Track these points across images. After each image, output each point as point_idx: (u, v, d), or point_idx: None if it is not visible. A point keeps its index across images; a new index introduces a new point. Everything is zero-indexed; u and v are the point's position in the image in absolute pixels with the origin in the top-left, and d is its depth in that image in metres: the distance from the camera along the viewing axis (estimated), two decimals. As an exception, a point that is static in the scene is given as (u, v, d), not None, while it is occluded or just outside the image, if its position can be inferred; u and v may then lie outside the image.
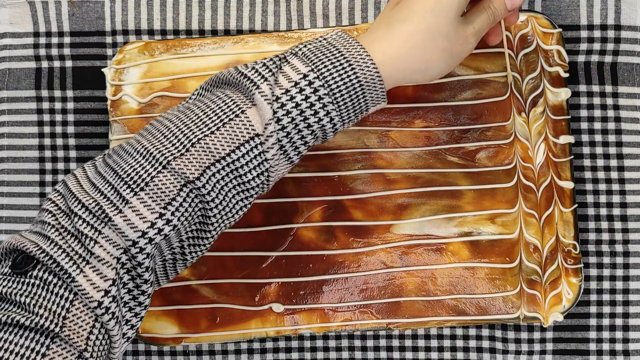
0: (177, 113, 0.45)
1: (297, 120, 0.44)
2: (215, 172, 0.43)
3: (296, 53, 0.46)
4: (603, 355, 0.59)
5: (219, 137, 0.43)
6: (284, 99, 0.44)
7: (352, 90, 0.45)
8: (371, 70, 0.45)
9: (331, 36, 0.47)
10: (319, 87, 0.44)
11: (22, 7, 0.60)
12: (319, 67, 0.45)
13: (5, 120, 0.60)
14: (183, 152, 0.43)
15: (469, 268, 0.57)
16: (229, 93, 0.45)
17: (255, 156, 0.44)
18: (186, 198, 0.43)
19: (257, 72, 0.45)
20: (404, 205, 0.57)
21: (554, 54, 0.57)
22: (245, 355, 0.60)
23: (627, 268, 0.59)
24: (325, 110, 0.45)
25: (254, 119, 0.44)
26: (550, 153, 0.57)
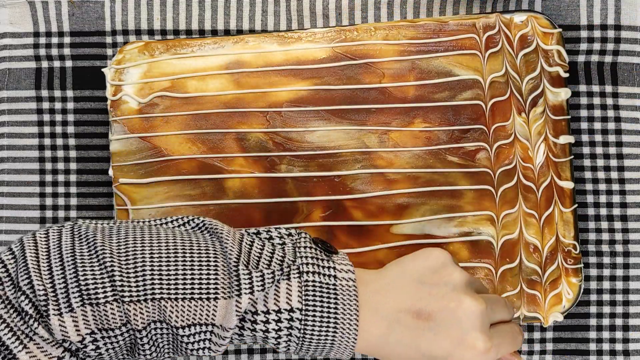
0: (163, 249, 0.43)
1: (258, 337, 0.44)
2: (157, 328, 0.42)
3: (301, 274, 0.44)
4: (603, 355, 0.59)
5: (179, 307, 0.42)
6: (259, 318, 0.43)
7: (322, 343, 0.44)
8: (350, 341, 0.44)
9: (341, 281, 0.44)
10: (295, 327, 0.43)
11: (22, 7, 0.60)
12: (309, 309, 0.43)
13: (5, 120, 0.60)
14: (141, 300, 0.41)
15: (468, 268, 0.57)
16: (219, 268, 0.43)
17: (202, 340, 0.43)
18: (124, 334, 0.42)
19: (250, 279, 0.43)
20: (404, 205, 0.57)
21: (554, 54, 0.57)
22: (245, 355, 0.60)
23: (627, 268, 0.59)
24: (287, 343, 0.44)
25: (220, 311, 0.42)
26: (550, 153, 0.57)
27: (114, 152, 0.57)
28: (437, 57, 0.57)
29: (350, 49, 0.57)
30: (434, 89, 0.57)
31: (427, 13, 0.60)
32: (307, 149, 0.57)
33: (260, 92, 0.57)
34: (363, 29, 0.58)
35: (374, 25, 0.58)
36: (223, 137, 0.57)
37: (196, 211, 0.57)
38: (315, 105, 0.57)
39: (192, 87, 0.57)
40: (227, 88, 0.57)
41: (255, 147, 0.57)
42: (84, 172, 0.60)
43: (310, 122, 0.57)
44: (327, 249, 0.47)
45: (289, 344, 0.44)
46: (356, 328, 0.44)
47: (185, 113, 0.57)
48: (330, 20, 0.60)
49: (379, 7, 0.60)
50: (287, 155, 0.57)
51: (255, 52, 0.58)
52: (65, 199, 0.60)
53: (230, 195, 0.57)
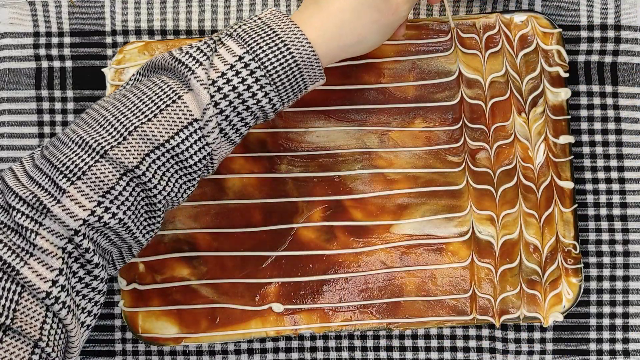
0: (113, 101, 0.44)
1: (235, 103, 0.44)
2: (155, 159, 0.43)
3: (231, 34, 0.45)
4: (603, 355, 0.59)
5: (156, 124, 0.43)
6: (220, 83, 0.44)
7: (288, 69, 0.45)
8: (306, 49, 0.45)
9: (265, 15, 0.46)
10: (255, 69, 0.44)
11: (22, 7, 0.60)
12: (254, 48, 0.44)
13: (5, 120, 0.60)
14: (120, 140, 0.42)
15: (468, 268, 0.57)
16: (165, 79, 0.45)
17: (196, 141, 0.44)
18: (126, 187, 0.42)
19: (191, 56, 0.44)
20: (404, 205, 0.57)
21: (554, 54, 0.57)
22: (245, 355, 0.60)
23: (627, 268, 0.59)
24: (264, 91, 0.45)
25: (191, 104, 0.43)
26: (550, 153, 0.57)
27: (114, 152, 0.57)
28: (437, 57, 0.57)
29: (350, 49, 0.57)
30: (434, 89, 0.57)
31: (427, 13, 0.60)
32: (307, 149, 0.57)
33: (260, 92, 0.57)
34: (363, 29, 0.57)
35: (374, 25, 0.58)
36: (223, 137, 0.57)
37: (196, 211, 0.57)
38: (315, 105, 0.57)
39: (192, 87, 0.57)
40: (227, 88, 0.57)
41: (256, 147, 0.57)
42: (84, 172, 0.60)
43: (310, 122, 0.57)
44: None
45: (268, 94, 0.45)
46: (302, 33, 0.45)
47: (185, 113, 0.57)
48: (330, 20, 0.60)
49: (379, 7, 0.60)
50: (287, 155, 0.57)
51: (255, 52, 0.57)
52: (65, 199, 0.60)
53: (230, 195, 0.57)
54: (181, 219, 0.57)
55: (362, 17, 0.47)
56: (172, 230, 0.57)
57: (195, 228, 0.57)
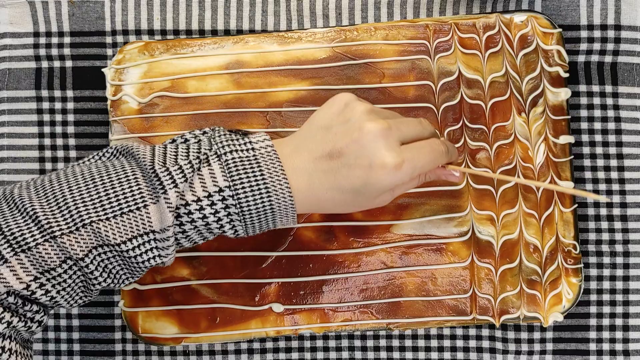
0: (80, 180, 0.43)
1: (200, 227, 0.44)
2: (101, 253, 0.42)
3: (219, 156, 0.44)
4: (603, 355, 0.59)
5: (113, 225, 0.42)
6: (192, 207, 0.43)
7: (262, 212, 0.44)
8: (287, 200, 0.44)
9: (260, 149, 0.45)
10: (230, 204, 0.43)
11: (22, 7, 0.60)
12: (237, 185, 0.43)
13: (5, 120, 0.60)
14: (72, 229, 0.41)
15: (468, 268, 0.57)
16: (139, 177, 0.43)
17: (149, 250, 0.43)
18: (67, 270, 0.42)
19: (169, 175, 0.43)
20: (404, 205, 0.57)
21: (554, 54, 0.57)
22: (245, 355, 0.60)
23: (627, 268, 0.59)
24: (231, 224, 0.44)
25: (154, 216, 0.42)
26: (550, 153, 0.57)
27: (114, 152, 0.57)
28: (437, 57, 0.57)
29: (350, 49, 0.57)
30: (433, 89, 0.57)
31: (427, 13, 0.60)
32: (307, 149, 0.57)
33: (260, 92, 0.57)
34: (363, 29, 0.58)
35: (374, 25, 0.58)
36: (223, 137, 0.57)
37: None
38: (315, 105, 0.57)
39: (192, 87, 0.57)
40: (227, 88, 0.57)
41: (255, 147, 0.57)
42: (84, 172, 0.60)
43: (310, 122, 0.57)
44: (243, 132, 0.48)
45: (234, 226, 0.45)
46: (288, 186, 0.44)
47: (185, 113, 0.57)
48: (330, 20, 0.60)
49: (379, 7, 0.60)
50: (287, 155, 0.57)
51: (255, 52, 0.58)
52: (65, 199, 0.60)
53: (230, 195, 0.57)
54: (181, 219, 0.57)
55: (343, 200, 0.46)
56: (172, 230, 0.57)
57: (195, 228, 0.57)
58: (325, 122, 0.46)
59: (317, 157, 0.45)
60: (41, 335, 0.60)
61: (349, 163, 0.44)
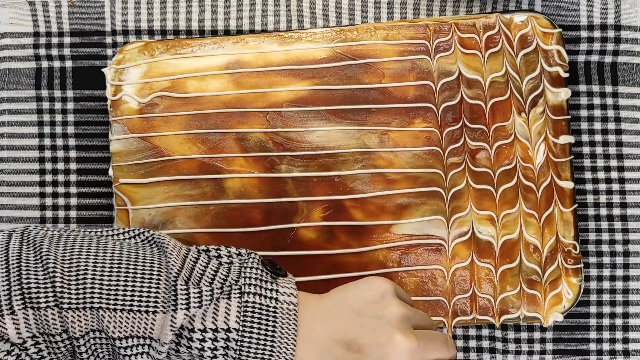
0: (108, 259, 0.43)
1: (194, 354, 0.43)
2: (96, 338, 0.43)
3: (242, 295, 0.43)
4: (603, 355, 0.59)
5: (117, 318, 0.42)
6: (195, 336, 0.43)
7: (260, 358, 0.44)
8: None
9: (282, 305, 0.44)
10: (232, 347, 0.43)
11: (22, 7, 0.60)
12: (245, 331, 0.43)
13: (5, 120, 0.60)
14: (80, 307, 0.42)
15: (468, 268, 0.57)
16: (161, 282, 0.43)
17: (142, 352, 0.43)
18: (64, 340, 0.42)
19: (187, 295, 0.43)
20: (404, 205, 0.57)
21: (554, 54, 0.57)
22: (245, 355, 0.60)
23: (627, 268, 0.59)
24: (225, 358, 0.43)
25: (158, 325, 0.42)
26: (550, 153, 0.57)
27: (114, 152, 0.57)
28: (437, 57, 0.57)
29: (350, 49, 0.57)
30: (433, 89, 0.57)
31: (427, 13, 0.60)
32: (307, 149, 0.57)
33: (260, 92, 0.57)
34: (363, 29, 0.58)
35: (374, 25, 0.58)
36: (223, 137, 0.57)
37: (196, 211, 0.57)
38: (315, 105, 0.57)
39: (192, 87, 0.57)
40: (227, 88, 0.57)
41: (255, 147, 0.57)
42: (84, 172, 0.60)
43: (310, 122, 0.57)
44: (275, 271, 0.47)
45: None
46: (293, 354, 0.43)
47: (185, 113, 0.57)
48: (330, 20, 0.60)
49: (379, 7, 0.60)
50: (287, 155, 0.57)
51: (255, 52, 0.58)
52: (65, 199, 0.60)
53: (230, 195, 0.57)
54: (181, 219, 0.57)
55: None
56: (172, 230, 0.57)
57: (195, 228, 0.57)
58: (357, 305, 0.46)
59: (336, 339, 0.44)
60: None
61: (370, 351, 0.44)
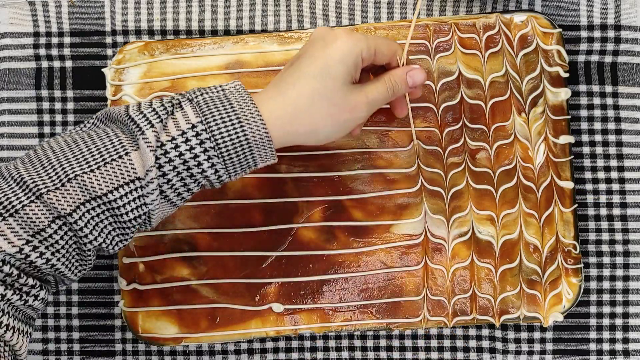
0: (63, 144, 0.44)
1: (180, 169, 0.44)
2: (89, 209, 0.43)
3: (191, 100, 0.45)
4: (603, 355, 0.59)
5: (97, 175, 0.43)
6: (168, 147, 0.44)
7: (239, 146, 0.45)
8: (260, 130, 0.45)
9: (229, 88, 0.46)
10: (205, 139, 0.44)
11: (22, 7, 0.60)
12: (208, 119, 0.44)
13: (5, 120, 0.60)
14: (58, 185, 0.42)
15: (468, 268, 0.57)
16: (119, 132, 0.44)
17: (135, 198, 0.44)
18: (57, 230, 0.42)
19: (144, 117, 0.44)
20: (404, 205, 0.57)
21: (554, 54, 0.57)
22: (245, 355, 0.60)
23: (627, 268, 0.59)
24: (210, 162, 0.44)
25: (136, 162, 0.43)
26: (550, 153, 0.57)
27: (114, 152, 0.57)
28: (437, 57, 0.57)
29: (350, 49, 0.57)
30: (434, 89, 0.57)
31: (427, 13, 0.60)
32: (307, 149, 0.57)
33: (260, 92, 0.57)
34: (363, 29, 0.58)
35: (374, 25, 0.58)
36: (223, 137, 0.57)
37: (196, 211, 0.57)
38: (315, 105, 0.57)
39: (192, 87, 0.57)
40: (227, 88, 0.57)
41: (255, 147, 0.57)
42: (84, 172, 0.60)
43: (310, 122, 0.57)
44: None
45: (214, 166, 0.45)
46: (259, 115, 0.45)
47: (185, 113, 0.57)
48: (330, 20, 0.60)
49: (379, 7, 0.60)
50: (287, 155, 0.57)
51: (255, 52, 0.58)
52: (65, 199, 0.60)
53: (230, 195, 0.57)
54: (181, 219, 0.57)
55: (317, 107, 0.46)
56: (172, 230, 0.57)
57: (195, 228, 0.57)
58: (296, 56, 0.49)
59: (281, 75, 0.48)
60: (41, 335, 0.60)
61: (310, 52, 0.47)
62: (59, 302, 0.60)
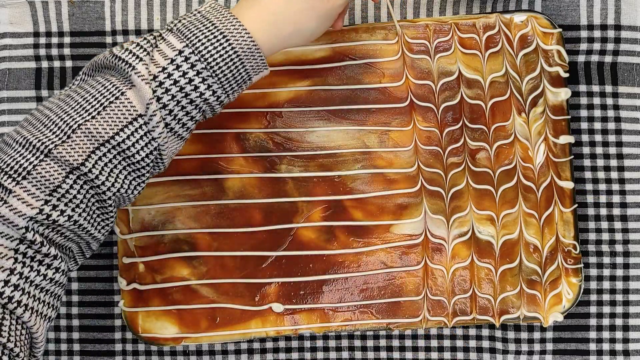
0: (57, 101, 0.44)
1: (178, 97, 0.44)
2: (100, 156, 0.43)
3: (171, 29, 0.46)
4: (603, 355, 0.59)
5: (100, 121, 0.43)
6: (161, 77, 0.44)
7: (229, 61, 0.45)
8: (246, 40, 0.45)
9: (205, 8, 0.47)
10: (195, 62, 0.44)
11: (22, 7, 0.60)
12: (193, 42, 0.44)
13: (5, 120, 0.60)
14: (64, 139, 0.42)
15: (468, 268, 0.57)
16: (109, 77, 0.45)
17: (142, 136, 0.44)
18: (73, 184, 0.42)
19: (130, 52, 0.44)
20: (404, 205, 0.57)
21: (554, 54, 0.57)
22: (245, 355, 0.60)
23: (627, 268, 0.59)
24: (206, 84, 0.45)
25: (134, 99, 0.44)
26: (550, 153, 0.57)
27: (114, 152, 0.57)
28: (437, 57, 0.57)
29: (350, 49, 0.57)
30: (433, 89, 0.57)
31: (427, 13, 0.60)
32: (307, 149, 0.57)
33: (260, 92, 0.57)
34: (363, 29, 0.58)
35: (373, 25, 0.58)
36: (223, 137, 0.57)
37: (196, 211, 0.57)
38: (315, 105, 0.57)
39: (192, 87, 0.57)
40: (227, 88, 0.57)
41: (255, 147, 0.57)
42: (84, 172, 0.60)
43: (310, 122, 0.57)
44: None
45: (210, 86, 0.45)
46: (240, 24, 0.45)
47: (185, 113, 0.57)
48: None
49: (378, 7, 0.60)
50: (287, 155, 0.57)
51: (255, 52, 0.57)
52: (65, 199, 0.60)
53: (230, 195, 0.57)
54: (181, 219, 0.57)
55: (294, 4, 0.47)
56: (172, 230, 0.57)
57: (195, 228, 0.57)
58: None
59: None
60: (41, 335, 0.60)
61: None
62: (59, 302, 0.60)
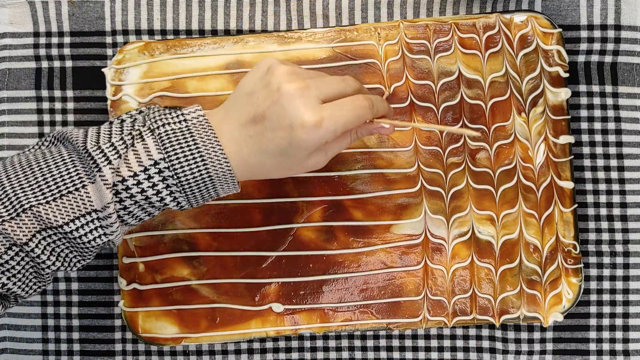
0: (18, 168, 0.44)
1: (141, 202, 0.44)
2: (45, 236, 0.43)
3: (152, 131, 0.44)
4: (603, 355, 0.59)
5: (53, 208, 0.43)
6: (130, 182, 0.43)
7: (201, 182, 0.45)
8: (223, 167, 0.45)
9: (192, 120, 0.45)
10: (167, 176, 0.44)
11: (22, 7, 0.60)
12: (171, 157, 0.44)
13: (5, 120, 0.60)
14: (13, 216, 0.42)
15: (468, 268, 0.57)
16: (75, 158, 0.44)
17: (93, 229, 0.44)
18: (14, 257, 0.43)
19: (102, 152, 0.43)
20: (404, 205, 0.57)
21: (554, 54, 0.57)
22: (245, 355, 0.60)
23: (627, 268, 0.59)
24: (172, 196, 0.45)
25: (94, 195, 0.43)
26: (550, 153, 0.57)
27: (114, 152, 0.57)
28: (437, 57, 0.57)
29: (350, 49, 0.57)
30: (433, 89, 0.57)
31: (427, 13, 0.60)
32: (307, 149, 0.57)
33: (260, 92, 0.57)
34: (363, 29, 0.58)
35: (373, 25, 0.58)
36: (223, 137, 0.57)
37: (196, 211, 0.57)
38: (315, 105, 0.57)
39: (192, 87, 0.57)
40: (227, 88, 0.57)
41: (255, 147, 0.57)
42: (84, 172, 0.60)
43: (310, 122, 0.57)
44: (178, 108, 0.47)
45: (176, 199, 0.45)
46: (223, 153, 0.44)
47: (185, 113, 0.57)
48: (330, 20, 0.60)
49: (379, 7, 0.60)
50: (287, 155, 0.57)
51: (255, 52, 0.58)
52: (65, 199, 0.60)
53: (230, 195, 0.57)
54: (181, 219, 0.57)
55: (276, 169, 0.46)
56: (172, 230, 0.57)
57: (195, 228, 0.57)
58: (249, 88, 0.46)
59: (243, 123, 0.45)
60: (41, 335, 0.60)
61: (272, 126, 0.44)
62: (59, 302, 0.60)
